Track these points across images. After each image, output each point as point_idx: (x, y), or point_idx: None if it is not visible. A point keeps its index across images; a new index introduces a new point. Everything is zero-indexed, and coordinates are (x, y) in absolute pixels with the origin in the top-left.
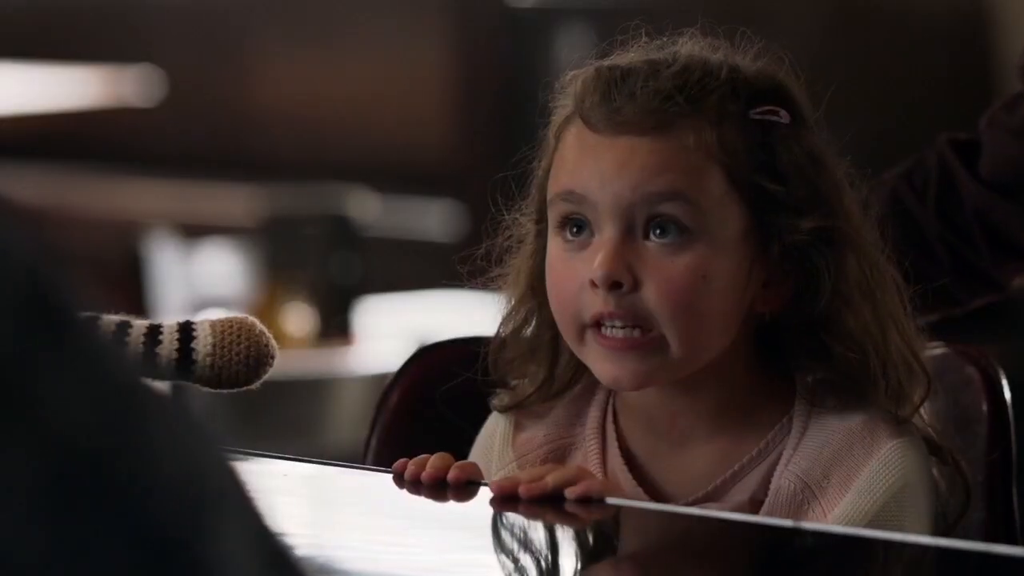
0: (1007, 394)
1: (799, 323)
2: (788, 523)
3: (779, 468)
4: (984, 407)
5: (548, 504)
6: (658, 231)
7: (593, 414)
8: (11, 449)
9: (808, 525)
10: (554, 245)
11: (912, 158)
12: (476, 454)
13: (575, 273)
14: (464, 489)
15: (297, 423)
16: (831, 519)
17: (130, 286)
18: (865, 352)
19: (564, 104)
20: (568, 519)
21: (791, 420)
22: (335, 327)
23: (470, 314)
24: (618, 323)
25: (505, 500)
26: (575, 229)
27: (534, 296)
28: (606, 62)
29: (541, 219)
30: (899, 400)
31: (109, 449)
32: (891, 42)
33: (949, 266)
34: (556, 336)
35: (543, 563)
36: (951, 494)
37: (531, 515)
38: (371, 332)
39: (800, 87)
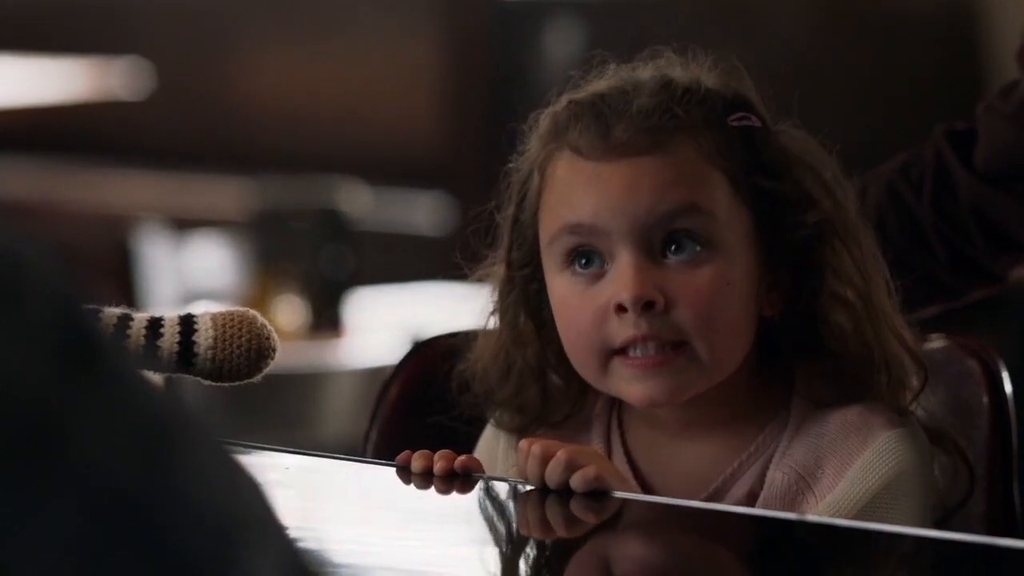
0: (1008, 387)
1: (797, 323)
2: (792, 516)
3: (774, 460)
4: (985, 399)
5: (553, 495)
6: (674, 247)
7: (599, 419)
8: (46, 490)
9: (811, 518)
10: (562, 283)
11: (909, 151)
12: (479, 456)
13: (593, 303)
14: (469, 481)
15: (288, 416)
16: (822, 507)
17: (120, 279)
18: (864, 346)
19: (537, 145)
20: (570, 512)
21: (788, 414)
22: (326, 320)
23: (462, 307)
24: (651, 345)
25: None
26: (584, 260)
27: (514, 346)
28: (578, 95)
29: (513, 266)
30: (900, 390)
31: (143, 487)
32: (880, 38)
33: (945, 258)
34: (543, 379)
35: (543, 557)
36: (953, 483)
37: (532, 508)
38: (362, 325)
39: (755, 92)
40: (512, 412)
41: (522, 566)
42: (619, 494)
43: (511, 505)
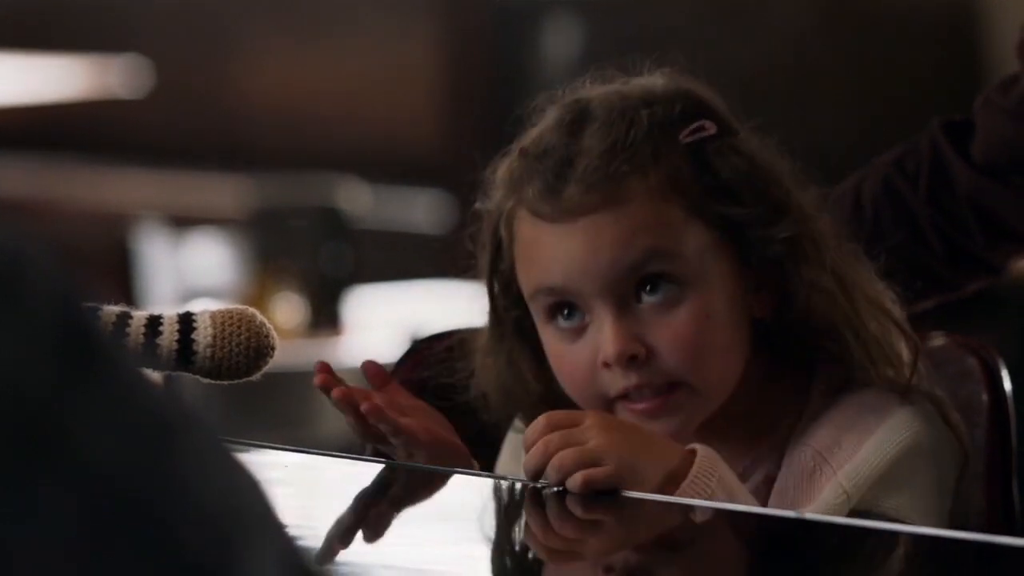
0: (1007, 385)
1: (785, 325)
2: (792, 514)
3: (791, 443)
4: (984, 397)
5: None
6: (648, 288)
7: None
8: (46, 485)
9: (810, 516)
10: (549, 336)
11: (905, 143)
12: (505, 460)
13: (582, 359)
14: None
15: (287, 414)
16: (840, 476)
17: (119, 277)
18: (846, 340)
19: (499, 197)
20: (571, 511)
21: (806, 404)
22: (325, 318)
23: (460, 305)
24: (647, 390)
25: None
26: (566, 313)
27: (516, 383)
28: (523, 143)
29: (499, 309)
30: (895, 370)
31: (143, 485)
32: (880, 34)
33: (942, 251)
34: (551, 402)
35: (542, 555)
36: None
37: (533, 507)
38: (362, 323)
39: (708, 90)
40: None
41: (522, 565)
42: (630, 494)
43: (512, 503)
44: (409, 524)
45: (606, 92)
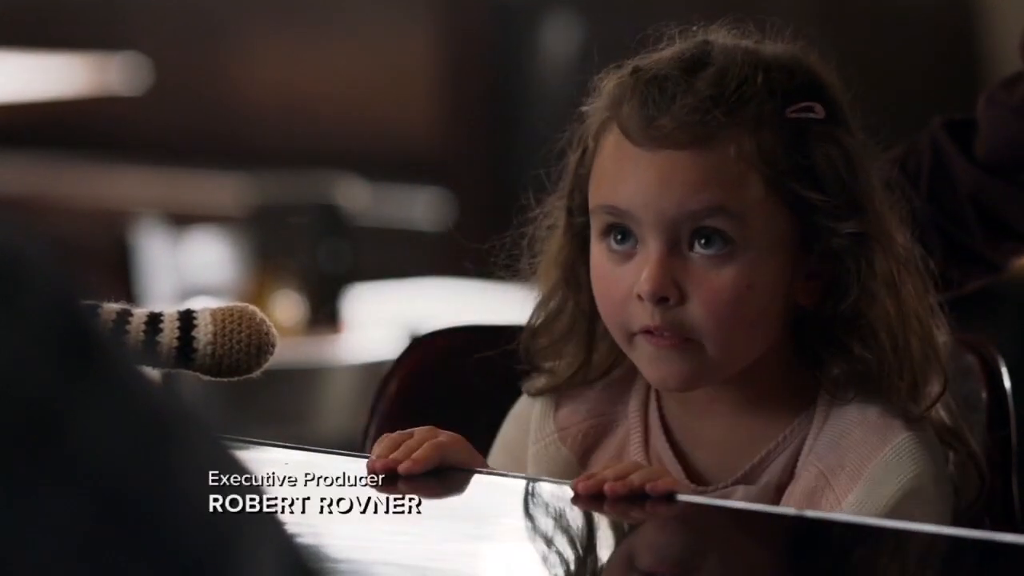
0: (1007, 382)
1: (825, 318)
2: (791, 511)
3: (801, 457)
4: (984, 395)
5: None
6: (703, 241)
7: (636, 394)
8: (48, 486)
9: (810, 513)
10: (599, 251)
11: (905, 143)
12: (509, 430)
13: (622, 283)
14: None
15: (287, 412)
16: (845, 507)
17: (118, 275)
18: (883, 349)
19: (600, 106)
20: (571, 507)
21: (814, 410)
22: (324, 316)
23: (459, 302)
24: (665, 333)
25: (590, 498)
26: (619, 236)
27: (567, 286)
28: (641, 63)
29: (573, 212)
30: (915, 395)
31: (142, 482)
32: (881, 32)
33: (943, 250)
34: (591, 326)
35: (543, 552)
36: (960, 482)
37: (532, 503)
38: (361, 320)
39: (835, 78)
40: (548, 373)
41: (521, 561)
42: (683, 497)
43: (511, 500)
44: (408, 521)
45: (735, 44)
